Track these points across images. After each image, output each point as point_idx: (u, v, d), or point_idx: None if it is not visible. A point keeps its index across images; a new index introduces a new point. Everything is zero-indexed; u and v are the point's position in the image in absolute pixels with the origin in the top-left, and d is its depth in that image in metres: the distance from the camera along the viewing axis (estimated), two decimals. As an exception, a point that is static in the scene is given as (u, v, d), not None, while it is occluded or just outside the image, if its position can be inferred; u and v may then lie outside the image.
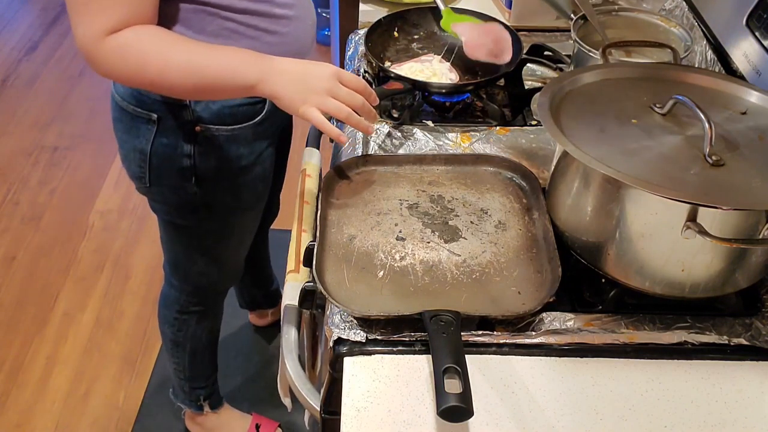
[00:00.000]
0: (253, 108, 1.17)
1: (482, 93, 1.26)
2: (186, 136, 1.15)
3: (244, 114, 1.17)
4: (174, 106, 1.13)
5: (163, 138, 1.16)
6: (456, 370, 0.72)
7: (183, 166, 1.18)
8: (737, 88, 0.95)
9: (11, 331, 2.05)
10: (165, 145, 1.16)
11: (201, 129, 1.15)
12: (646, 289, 0.84)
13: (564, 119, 0.88)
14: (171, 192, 1.23)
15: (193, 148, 1.16)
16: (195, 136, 1.16)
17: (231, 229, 1.34)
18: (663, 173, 0.80)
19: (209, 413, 1.70)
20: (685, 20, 1.34)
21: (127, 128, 1.18)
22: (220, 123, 1.15)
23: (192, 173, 1.19)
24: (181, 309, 1.49)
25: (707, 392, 0.79)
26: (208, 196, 1.23)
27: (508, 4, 1.43)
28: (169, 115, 1.14)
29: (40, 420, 1.83)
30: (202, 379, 1.65)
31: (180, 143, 1.16)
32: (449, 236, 0.93)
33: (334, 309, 0.83)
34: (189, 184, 1.20)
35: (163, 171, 1.19)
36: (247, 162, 1.22)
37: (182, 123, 1.14)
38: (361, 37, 1.32)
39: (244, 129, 1.18)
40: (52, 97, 3.03)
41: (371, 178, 1.02)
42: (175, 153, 1.17)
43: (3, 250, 2.31)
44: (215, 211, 1.27)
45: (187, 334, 1.53)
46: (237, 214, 1.31)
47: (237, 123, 1.17)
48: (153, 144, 1.16)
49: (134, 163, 1.21)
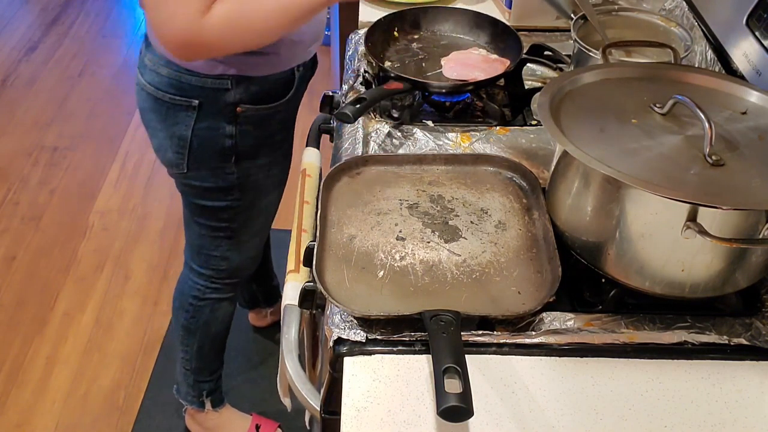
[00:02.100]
0: (285, 85, 1.25)
1: (482, 93, 1.26)
2: (228, 118, 1.22)
3: (278, 91, 1.25)
4: (216, 90, 1.19)
5: (203, 122, 1.22)
6: (456, 370, 0.72)
7: (224, 147, 1.24)
8: (737, 88, 0.95)
9: (11, 331, 2.05)
10: (206, 128, 1.22)
11: (242, 110, 1.22)
12: (646, 289, 0.84)
13: (564, 119, 0.88)
14: (209, 174, 1.28)
15: (235, 129, 1.23)
16: (236, 117, 1.22)
17: (258, 210, 1.39)
18: (663, 173, 0.80)
19: (210, 411, 1.70)
20: (685, 20, 1.34)
21: (162, 117, 1.23)
22: (259, 102, 1.23)
23: (232, 153, 1.26)
24: (198, 295, 1.52)
25: (707, 392, 0.79)
26: (244, 176, 1.30)
27: (508, 4, 1.43)
28: (211, 99, 1.20)
29: (40, 420, 1.83)
30: (207, 373, 1.65)
31: (222, 125, 1.22)
32: (449, 236, 0.93)
33: (334, 309, 0.83)
34: (228, 164, 1.27)
35: (203, 155, 1.25)
36: (279, 138, 1.32)
37: (224, 105, 1.20)
38: (361, 37, 1.32)
39: (277, 106, 1.26)
40: (52, 97, 3.03)
41: (371, 178, 1.02)
42: (217, 135, 1.23)
43: (3, 250, 2.31)
44: (247, 191, 1.33)
45: (200, 321, 1.55)
46: (266, 193, 1.37)
47: (271, 101, 1.25)
48: (194, 129, 1.22)
49: (171, 150, 1.26)
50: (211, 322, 1.56)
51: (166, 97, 1.20)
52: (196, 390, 1.67)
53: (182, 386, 1.69)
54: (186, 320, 1.56)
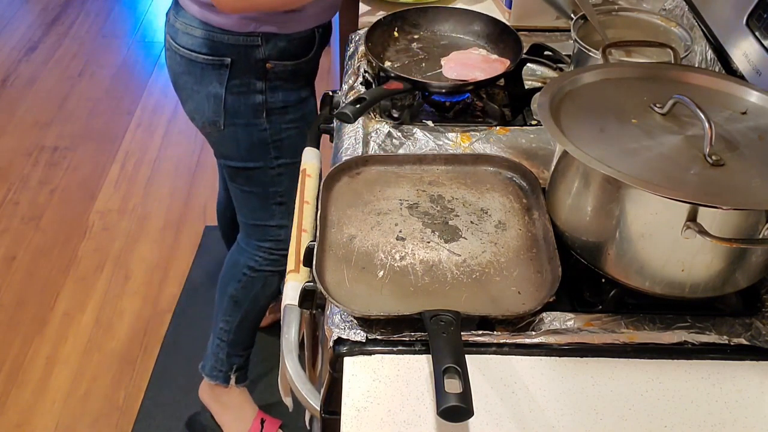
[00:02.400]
0: (308, 43, 1.34)
1: (482, 93, 1.26)
2: (258, 74, 1.31)
3: (303, 49, 1.34)
4: (247, 47, 1.28)
5: (236, 79, 1.30)
6: (456, 370, 0.72)
7: (256, 102, 1.33)
8: (737, 88, 0.95)
9: (11, 331, 2.06)
10: (238, 85, 1.31)
11: (271, 66, 1.31)
12: (646, 289, 0.84)
13: (564, 119, 0.88)
14: (244, 131, 1.36)
15: (264, 84, 1.32)
16: (266, 73, 1.31)
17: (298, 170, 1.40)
18: (663, 173, 0.80)
19: (232, 387, 1.72)
20: (685, 20, 1.34)
21: (197, 79, 1.32)
22: (286, 59, 1.32)
23: (264, 108, 1.34)
24: (254, 266, 1.55)
25: (707, 392, 0.79)
26: (277, 131, 1.37)
27: (508, 4, 1.43)
28: (242, 56, 1.29)
29: (40, 420, 1.83)
30: (242, 347, 1.68)
31: (252, 81, 1.31)
32: (449, 236, 0.93)
33: (334, 309, 0.83)
34: (261, 119, 1.35)
35: (237, 110, 1.33)
36: (306, 94, 1.40)
37: (254, 62, 1.29)
38: (361, 37, 1.32)
39: (302, 63, 1.35)
40: (52, 97, 3.03)
41: (371, 178, 1.02)
42: (249, 90, 1.32)
43: (3, 250, 2.31)
44: (284, 148, 1.41)
45: (250, 293, 1.58)
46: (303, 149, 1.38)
47: (297, 58, 1.34)
48: (227, 86, 1.31)
49: (209, 110, 1.34)
50: (259, 296, 1.60)
51: (200, 58, 1.29)
52: (227, 364, 1.69)
53: (211, 360, 1.70)
54: (235, 290, 1.58)
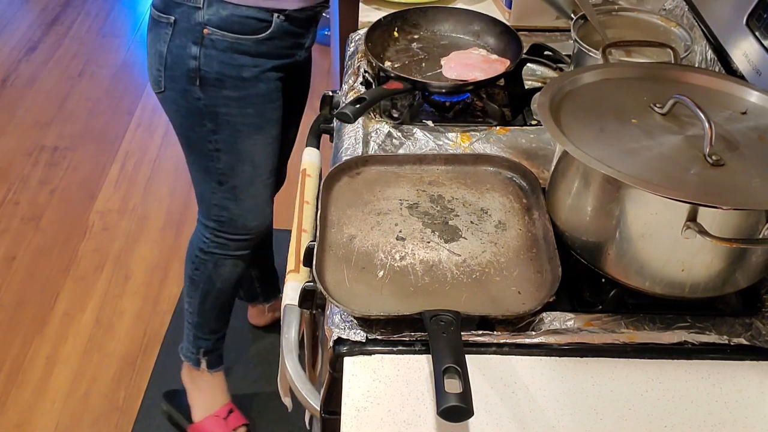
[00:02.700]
0: (259, 23, 1.30)
1: (482, 93, 1.26)
2: (194, 38, 1.29)
3: (249, 26, 1.30)
4: (189, 8, 1.28)
5: (176, 39, 1.30)
6: (456, 370, 0.72)
7: (190, 68, 1.31)
8: (737, 88, 0.95)
9: (11, 331, 2.05)
10: (177, 46, 1.31)
11: (208, 32, 1.29)
12: (646, 289, 0.84)
13: (564, 119, 0.88)
14: (181, 96, 1.35)
15: (199, 50, 1.30)
16: (202, 39, 1.29)
17: (241, 154, 1.42)
18: (663, 173, 0.80)
19: (204, 371, 1.72)
20: (685, 20, 1.34)
21: (154, 35, 1.34)
22: (226, 29, 1.29)
23: (197, 75, 1.31)
24: (203, 248, 1.56)
25: (707, 392, 0.79)
26: (213, 104, 1.35)
27: (508, 4, 1.43)
28: (184, 16, 1.29)
29: (40, 420, 1.83)
30: (207, 330, 1.67)
31: (189, 44, 1.30)
32: (449, 236, 0.93)
33: (334, 309, 0.83)
34: (194, 87, 1.33)
35: (174, 73, 1.33)
36: (249, 74, 1.34)
37: (193, 25, 1.28)
38: (361, 37, 1.32)
39: (247, 41, 1.31)
40: (52, 97, 3.03)
41: (371, 178, 1.02)
42: (184, 53, 1.30)
43: (3, 250, 2.31)
44: (221, 123, 1.37)
45: (203, 274, 1.59)
46: (245, 133, 1.40)
47: (241, 33, 1.30)
48: (169, 45, 1.31)
49: (154, 67, 1.36)
50: (214, 278, 1.59)
51: (155, 15, 1.32)
52: (194, 346, 1.70)
53: (184, 341, 1.72)
54: (191, 271, 1.61)
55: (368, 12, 1.46)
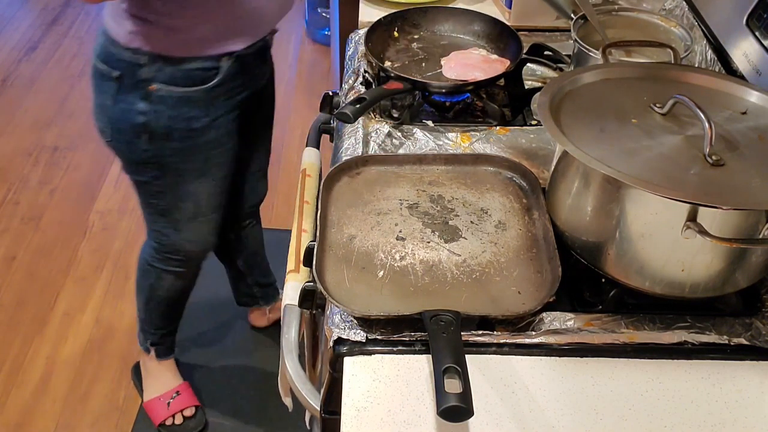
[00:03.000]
0: (206, 72, 1.26)
1: (482, 93, 1.26)
2: (141, 95, 1.25)
3: (197, 78, 1.25)
4: (133, 64, 1.23)
5: (122, 95, 1.26)
6: (456, 370, 0.72)
7: (136, 123, 1.27)
8: (737, 88, 0.95)
9: (11, 331, 2.05)
10: (123, 101, 1.26)
11: (155, 88, 1.24)
12: (646, 289, 0.84)
13: (564, 119, 0.88)
14: (126, 147, 1.33)
15: (147, 107, 1.25)
16: (149, 95, 1.24)
17: (183, 195, 1.40)
18: (663, 173, 0.80)
19: (153, 359, 1.80)
20: (685, 20, 1.34)
21: (98, 87, 1.30)
22: (173, 84, 1.24)
23: (144, 130, 1.28)
24: (147, 258, 1.59)
25: (707, 392, 0.79)
26: (159, 154, 1.32)
27: (508, 4, 1.43)
28: (129, 73, 1.24)
29: (40, 420, 1.83)
30: (152, 326, 1.74)
31: (136, 101, 1.25)
32: (449, 236, 0.93)
33: (334, 309, 0.83)
34: (141, 140, 1.30)
35: (120, 126, 1.29)
36: (199, 125, 1.30)
37: (138, 81, 1.24)
38: (361, 37, 1.32)
39: (196, 92, 1.26)
40: (52, 97, 3.03)
41: (371, 178, 1.02)
42: (131, 110, 1.26)
43: (3, 250, 2.31)
44: (166, 171, 1.35)
45: (147, 282, 1.63)
46: (189, 178, 1.37)
47: (188, 86, 1.25)
48: (115, 100, 1.27)
49: (99, 119, 1.33)
50: (156, 287, 1.63)
51: (98, 65, 1.28)
52: (142, 336, 1.78)
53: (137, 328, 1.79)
54: (138, 276, 1.65)
55: (368, 12, 1.46)
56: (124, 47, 1.22)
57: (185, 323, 1.97)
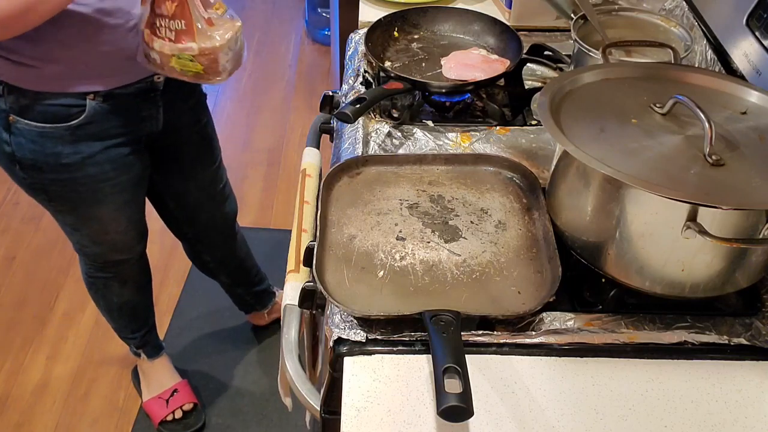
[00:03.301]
0: (67, 110, 1.19)
1: (482, 93, 1.26)
2: (3, 124, 1.20)
3: (55, 114, 1.19)
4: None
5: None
6: (456, 370, 0.72)
7: (5, 151, 1.23)
8: (737, 88, 0.95)
9: (11, 331, 2.05)
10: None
11: (13, 120, 1.19)
12: (646, 288, 0.84)
13: (564, 119, 0.88)
14: (9, 172, 1.28)
15: (9, 137, 1.21)
16: (10, 126, 1.20)
17: (85, 217, 1.36)
18: (663, 173, 0.80)
19: (144, 360, 1.80)
20: (685, 20, 1.34)
21: None
22: (30, 118, 1.19)
23: (14, 159, 1.23)
24: (87, 272, 1.58)
25: (707, 392, 0.79)
26: (39, 183, 1.27)
27: (508, 4, 1.43)
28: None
29: (40, 420, 1.83)
30: (128, 332, 1.74)
31: (0, 129, 1.21)
32: (449, 236, 0.93)
33: (334, 309, 0.83)
34: (15, 168, 1.25)
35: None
36: (70, 161, 1.24)
37: (0, 110, 1.19)
38: (361, 37, 1.32)
39: (57, 129, 1.20)
40: (52, 97, 3.02)
41: (371, 178, 1.02)
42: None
43: (3, 250, 2.31)
44: (54, 198, 1.31)
45: (97, 294, 1.63)
46: (82, 205, 1.33)
47: (47, 122, 1.19)
48: None
49: None
50: (108, 296, 1.62)
51: None
52: (126, 343, 1.79)
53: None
54: (87, 290, 1.64)
55: (368, 12, 1.46)
56: None
57: (185, 323, 1.97)
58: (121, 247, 1.50)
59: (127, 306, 1.67)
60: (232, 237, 1.76)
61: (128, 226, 1.44)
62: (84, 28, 1.12)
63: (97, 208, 1.34)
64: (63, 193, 1.29)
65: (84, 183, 1.28)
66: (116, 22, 1.14)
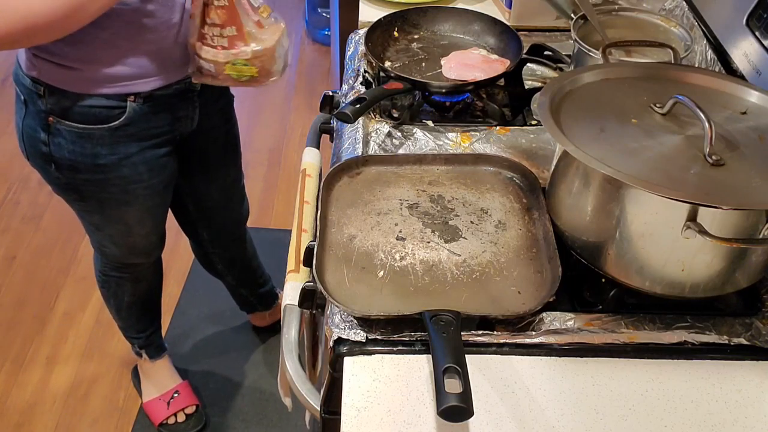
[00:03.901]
0: (109, 111, 1.21)
1: (482, 93, 1.26)
2: (42, 125, 1.22)
3: (97, 116, 1.20)
4: (33, 93, 1.20)
5: (28, 120, 1.24)
6: (456, 370, 0.72)
7: (42, 151, 1.25)
8: (737, 88, 0.95)
9: (11, 331, 2.05)
10: (29, 127, 1.24)
11: (53, 121, 1.21)
12: (646, 288, 0.84)
13: (564, 119, 0.88)
14: (42, 170, 1.30)
15: (48, 137, 1.23)
16: (49, 127, 1.21)
17: (112, 218, 1.38)
18: (663, 173, 0.80)
19: (146, 360, 1.81)
20: (685, 20, 1.34)
21: (16, 104, 1.26)
22: (70, 119, 1.20)
23: (50, 159, 1.25)
24: (101, 270, 1.60)
25: (707, 392, 0.79)
26: (72, 182, 1.29)
27: (508, 4, 1.43)
28: (31, 100, 1.21)
29: (40, 420, 1.83)
30: (134, 331, 1.75)
31: (38, 130, 1.23)
32: (449, 236, 0.93)
33: (334, 309, 0.83)
34: (50, 167, 1.27)
35: (32, 150, 1.27)
36: (106, 161, 1.25)
37: (39, 111, 1.21)
38: (361, 37, 1.32)
39: (97, 130, 1.21)
40: (52, 97, 3.02)
41: (371, 178, 1.02)
42: (36, 137, 1.24)
43: (3, 250, 2.31)
44: (85, 198, 1.33)
45: (109, 292, 1.64)
46: (111, 205, 1.35)
47: (88, 123, 1.21)
48: (23, 123, 1.25)
49: (18, 136, 1.29)
50: (119, 294, 1.63)
51: (15, 83, 1.25)
52: (129, 341, 1.79)
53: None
54: (99, 287, 1.66)
55: (368, 12, 1.46)
56: (26, 73, 1.19)
57: (185, 323, 1.97)
58: (140, 251, 1.51)
59: (136, 306, 1.68)
60: (242, 238, 1.78)
61: (151, 230, 1.46)
62: (126, 29, 1.13)
63: (125, 210, 1.36)
64: (95, 193, 1.31)
65: (116, 184, 1.29)
66: (157, 22, 1.15)
